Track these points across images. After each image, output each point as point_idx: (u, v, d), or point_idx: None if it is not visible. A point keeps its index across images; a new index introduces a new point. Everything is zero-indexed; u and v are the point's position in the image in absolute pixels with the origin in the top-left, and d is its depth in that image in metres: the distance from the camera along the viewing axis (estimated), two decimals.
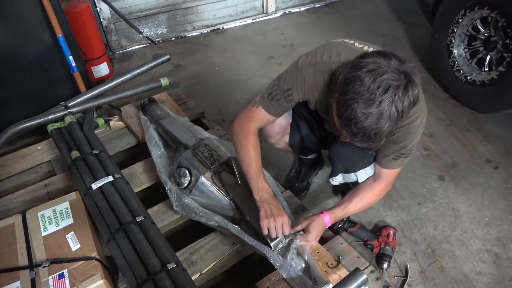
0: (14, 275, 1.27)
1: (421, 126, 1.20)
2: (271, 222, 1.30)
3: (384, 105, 0.92)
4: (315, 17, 3.82)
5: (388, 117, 0.94)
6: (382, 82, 0.92)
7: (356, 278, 1.11)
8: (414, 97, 0.96)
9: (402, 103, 0.94)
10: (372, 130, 0.96)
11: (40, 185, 1.78)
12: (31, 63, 2.05)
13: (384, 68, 0.93)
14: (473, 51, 2.42)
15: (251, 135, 1.39)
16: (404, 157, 1.27)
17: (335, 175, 1.66)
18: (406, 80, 0.94)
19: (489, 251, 1.66)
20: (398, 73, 0.93)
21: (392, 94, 0.92)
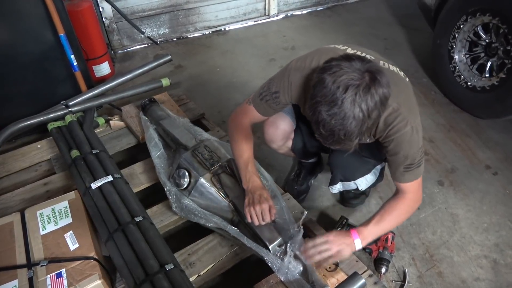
0: (12, 274, 1.27)
1: (415, 132, 1.17)
2: (251, 210, 1.35)
3: (346, 105, 0.94)
4: (317, 20, 3.83)
5: (352, 117, 0.95)
6: (341, 82, 0.94)
7: (354, 282, 1.11)
8: (381, 95, 0.97)
9: (366, 102, 0.95)
10: (340, 131, 0.98)
11: (40, 183, 1.78)
12: (33, 62, 2.06)
13: (345, 69, 0.96)
14: (474, 57, 2.42)
15: (244, 128, 1.44)
16: (415, 168, 1.23)
17: (335, 184, 1.67)
18: (368, 79, 0.95)
19: (487, 257, 1.66)
20: (359, 72, 0.95)
21: (352, 93, 0.94)
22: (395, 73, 1.23)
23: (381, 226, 1.26)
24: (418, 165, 1.22)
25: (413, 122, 1.17)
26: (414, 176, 1.25)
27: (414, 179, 1.25)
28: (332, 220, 1.81)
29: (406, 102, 1.18)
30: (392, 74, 1.22)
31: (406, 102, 1.18)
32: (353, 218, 1.80)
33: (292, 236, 1.39)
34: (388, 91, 0.99)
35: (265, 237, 1.36)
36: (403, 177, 1.25)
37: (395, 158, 1.23)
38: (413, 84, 2.78)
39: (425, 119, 2.46)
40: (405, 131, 1.16)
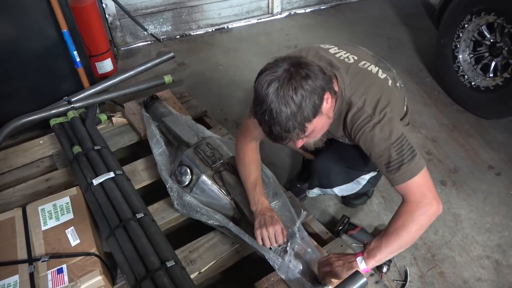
0: (13, 269, 1.27)
1: (378, 127, 1.12)
2: (264, 232, 1.31)
3: (271, 99, 0.97)
4: (320, 19, 3.82)
5: (279, 110, 0.96)
6: (264, 80, 0.98)
7: (356, 281, 1.10)
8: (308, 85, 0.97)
9: (289, 92, 0.96)
10: (275, 126, 0.99)
11: (41, 179, 1.78)
12: (36, 57, 2.06)
13: (271, 69, 1.00)
14: (478, 57, 2.41)
15: (249, 148, 1.43)
16: (397, 165, 1.11)
17: (312, 189, 1.67)
18: (290, 72, 0.98)
19: (489, 258, 1.65)
20: (282, 69, 0.98)
21: (274, 87, 0.97)
22: (370, 73, 1.22)
23: (384, 240, 1.15)
24: (399, 162, 1.11)
25: (377, 119, 1.13)
26: (403, 177, 1.12)
27: (405, 180, 1.12)
28: (334, 219, 1.80)
29: (372, 98, 1.15)
30: (367, 73, 1.21)
31: (372, 98, 1.15)
32: (355, 218, 1.80)
33: (294, 235, 1.39)
34: (318, 80, 1.00)
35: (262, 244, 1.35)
36: (393, 180, 1.15)
37: (374, 160, 1.17)
38: (417, 83, 2.81)
39: (428, 119, 2.45)
40: (367, 127, 1.14)
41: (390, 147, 1.11)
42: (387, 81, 1.23)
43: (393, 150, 1.11)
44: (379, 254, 1.15)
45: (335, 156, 1.50)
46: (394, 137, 1.12)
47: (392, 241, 1.14)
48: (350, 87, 1.17)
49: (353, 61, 1.24)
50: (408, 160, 1.11)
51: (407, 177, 1.11)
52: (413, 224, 1.12)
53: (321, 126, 1.11)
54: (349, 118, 1.18)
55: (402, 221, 1.13)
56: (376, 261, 1.16)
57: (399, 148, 1.11)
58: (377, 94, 1.16)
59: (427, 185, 1.14)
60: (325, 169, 1.52)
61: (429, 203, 1.12)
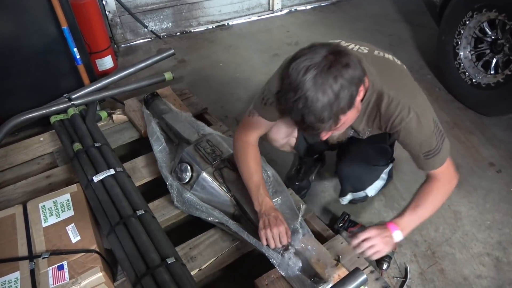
0: (14, 266, 1.27)
1: (421, 117, 1.12)
2: (268, 232, 1.30)
3: (307, 86, 0.92)
4: (321, 16, 3.81)
5: (316, 98, 0.92)
6: (302, 67, 0.93)
7: (356, 277, 1.10)
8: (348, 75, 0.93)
9: (328, 81, 0.91)
10: (308, 115, 0.95)
11: (42, 176, 1.78)
12: (36, 54, 2.05)
13: (307, 55, 0.94)
14: (479, 54, 2.40)
15: (250, 147, 1.40)
16: (436, 153, 1.16)
17: (345, 195, 1.66)
18: (330, 59, 0.93)
19: (489, 255, 1.65)
20: (321, 55, 0.93)
21: (312, 75, 0.91)
22: (389, 61, 1.20)
23: (418, 212, 1.22)
24: (438, 149, 1.15)
25: (416, 107, 1.12)
26: (440, 161, 1.18)
27: (440, 165, 1.19)
28: (334, 216, 1.80)
29: (403, 87, 1.14)
30: (386, 61, 1.20)
31: (403, 87, 1.14)
32: (355, 214, 1.80)
33: (296, 231, 1.39)
34: (357, 71, 0.96)
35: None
36: (427, 165, 1.20)
37: (410, 149, 1.20)
38: (417, 81, 2.73)
39: None
40: (409, 119, 1.12)
41: (432, 135, 1.14)
42: (403, 66, 1.23)
43: (433, 137, 1.15)
44: (413, 225, 1.23)
45: (358, 157, 1.49)
46: (432, 123, 1.14)
47: (425, 214, 1.23)
48: (379, 77, 1.14)
49: (366, 51, 1.21)
50: (442, 143, 1.17)
51: (444, 159, 1.19)
52: (442, 196, 1.25)
53: (351, 119, 1.09)
54: (383, 109, 1.14)
55: (435, 197, 1.23)
56: (408, 232, 1.23)
57: (438, 133, 1.16)
58: (404, 81, 1.16)
59: (451, 160, 1.22)
60: (355, 172, 1.50)
61: (454, 176, 1.25)
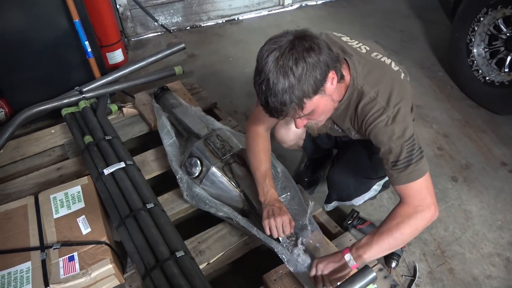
0: (25, 256, 1.29)
1: (391, 121, 1.08)
2: (271, 222, 1.30)
3: (269, 68, 0.93)
4: (332, 11, 3.78)
5: (277, 80, 0.93)
6: (265, 49, 0.95)
7: (365, 275, 1.10)
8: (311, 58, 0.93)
9: (288, 63, 0.92)
10: (271, 97, 0.95)
11: (53, 168, 1.80)
12: (47, 47, 2.06)
13: (275, 39, 0.96)
14: (493, 51, 2.36)
15: (260, 137, 1.40)
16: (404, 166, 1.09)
17: (330, 203, 1.65)
18: (293, 43, 0.93)
19: (500, 255, 1.64)
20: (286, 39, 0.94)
21: (274, 57, 0.93)
22: (384, 64, 1.17)
23: (375, 239, 1.12)
24: (407, 162, 1.08)
25: (392, 112, 1.08)
26: (406, 179, 1.09)
27: (410, 180, 1.09)
28: (343, 212, 1.80)
29: (386, 91, 1.11)
30: (380, 64, 1.17)
31: (386, 91, 1.11)
32: (364, 212, 1.79)
33: (303, 227, 1.39)
34: (323, 55, 0.95)
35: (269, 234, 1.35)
36: (393, 178, 1.12)
37: (381, 154, 1.14)
38: (429, 78, 2.76)
39: (440, 113, 2.42)
40: (380, 120, 1.09)
41: (403, 145, 1.09)
42: (400, 74, 1.19)
43: (404, 148, 1.09)
44: (368, 252, 1.12)
45: (350, 168, 1.47)
46: (408, 134, 1.09)
47: (384, 241, 1.11)
48: (362, 76, 1.13)
49: (365, 51, 1.20)
50: (416, 160, 1.09)
51: (412, 178, 1.09)
52: (408, 226, 1.10)
53: (323, 108, 1.06)
54: (360, 108, 1.14)
55: (398, 222, 1.10)
56: (364, 259, 1.13)
57: (410, 147, 1.09)
58: (391, 86, 1.12)
59: (429, 189, 1.12)
60: (343, 183, 1.48)
61: (427, 207, 1.10)
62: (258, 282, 1.33)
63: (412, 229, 1.10)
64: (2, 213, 1.45)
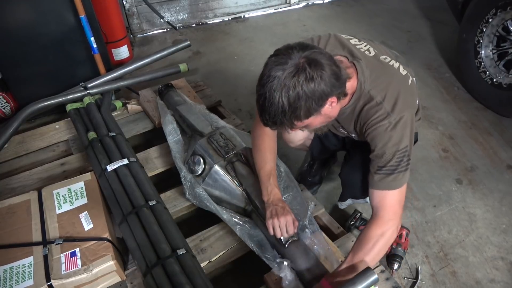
0: (28, 250, 1.30)
1: (392, 127, 1.10)
2: (275, 222, 1.30)
3: (269, 86, 0.97)
4: (339, 10, 3.75)
5: (272, 100, 0.96)
6: (271, 63, 0.98)
7: (367, 277, 1.09)
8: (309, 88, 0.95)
9: (288, 87, 0.95)
10: (265, 113, 1.00)
11: (57, 163, 1.81)
12: (53, 43, 2.07)
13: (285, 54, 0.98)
14: (501, 53, 2.33)
15: (267, 136, 1.40)
16: (387, 173, 1.12)
17: (344, 200, 1.64)
18: (301, 66, 0.95)
19: (504, 259, 1.62)
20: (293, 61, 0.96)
21: (278, 75, 0.96)
22: (392, 68, 1.18)
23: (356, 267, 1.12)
24: (392, 170, 1.11)
25: (395, 119, 1.10)
26: (386, 185, 1.12)
27: (387, 188, 1.12)
28: (346, 213, 1.79)
29: (393, 97, 1.12)
30: (388, 68, 1.18)
31: (393, 97, 1.12)
32: (367, 213, 1.78)
33: (303, 228, 1.38)
34: (321, 86, 0.96)
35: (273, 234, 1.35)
36: (373, 181, 1.14)
37: (372, 157, 1.16)
38: (435, 79, 2.74)
39: (446, 115, 2.40)
40: (381, 125, 1.11)
41: (395, 153, 1.11)
42: (408, 78, 1.19)
43: (395, 157, 1.11)
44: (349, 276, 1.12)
45: (361, 165, 1.44)
46: (402, 145, 1.11)
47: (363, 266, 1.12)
48: (370, 81, 1.14)
49: (373, 54, 1.21)
50: (399, 171, 1.11)
51: (391, 186, 1.12)
52: (384, 245, 1.14)
53: (318, 123, 1.10)
54: (364, 111, 1.15)
55: (373, 244, 1.12)
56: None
57: (400, 157, 1.12)
58: (397, 92, 1.13)
59: (401, 202, 1.15)
60: (357, 179, 1.46)
61: (397, 221, 1.14)
62: (259, 282, 1.33)
63: (386, 246, 1.15)
64: (6, 207, 1.45)
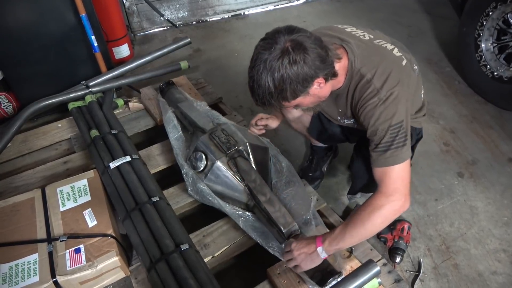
0: (33, 247, 1.31)
1: (382, 103, 1.11)
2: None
3: (257, 68, 1.02)
4: (339, 6, 3.75)
5: (258, 83, 1.03)
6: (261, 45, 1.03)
7: (369, 269, 1.10)
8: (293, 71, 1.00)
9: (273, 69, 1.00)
10: (254, 94, 1.07)
11: (60, 162, 1.82)
12: (54, 42, 2.08)
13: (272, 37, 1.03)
14: (502, 46, 2.33)
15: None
16: (383, 150, 1.12)
17: (354, 194, 1.63)
18: (287, 50, 1.00)
19: (506, 251, 1.62)
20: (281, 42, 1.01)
21: (264, 58, 1.01)
22: (386, 49, 1.20)
23: (348, 229, 1.13)
24: (387, 146, 1.11)
25: (385, 96, 1.11)
26: (385, 161, 1.12)
27: (386, 165, 1.12)
28: (348, 207, 1.80)
29: (383, 75, 1.13)
30: (381, 49, 1.20)
31: (383, 75, 1.13)
32: None
33: (307, 222, 1.39)
34: (305, 68, 1.01)
35: (280, 222, 1.36)
36: (372, 159, 1.15)
37: (368, 136, 1.17)
38: (436, 73, 2.74)
39: (447, 109, 2.40)
40: (371, 102, 1.12)
41: (388, 129, 1.11)
42: (402, 60, 1.20)
43: (388, 132, 1.11)
44: (341, 242, 1.14)
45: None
46: (395, 120, 1.11)
47: (356, 232, 1.12)
48: (360, 59, 1.16)
49: (368, 38, 1.23)
50: (396, 147, 1.11)
51: (389, 162, 1.11)
52: (379, 217, 1.11)
53: (308, 102, 1.15)
54: (357, 90, 1.17)
55: (369, 212, 1.11)
56: (336, 249, 1.16)
57: (394, 133, 1.11)
58: (388, 69, 1.14)
59: (404, 179, 1.12)
60: (365, 175, 1.46)
61: (398, 198, 1.11)
62: (263, 276, 1.34)
63: (383, 219, 1.11)
64: (10, 205, 1.47)
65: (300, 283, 1.27)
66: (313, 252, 1.17)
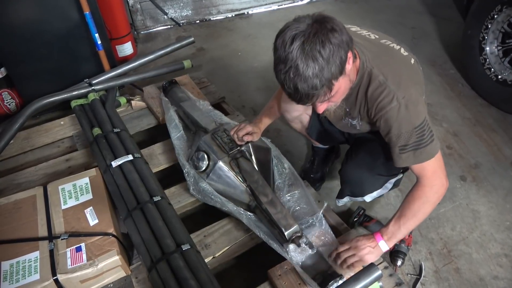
0: (34, 245, 1.31)
1: (403, 108, 1.10)
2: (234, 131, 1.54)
3: (295, 54, 0.92)
4: (343, 6, 3.74)
5: (306, 64, 0.92)
6: (287, 36, 0.93)
7: (370, 273, 1.10)
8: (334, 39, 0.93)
9: (315, 46, 0.91)
10: (301, 84, 0.95)
11: (62, 159, 1.82)
12: (58, 39, 2.08)
13: (291, 26, 0.94)
14: (506, 49, 2.32)
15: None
16: (412, 149, 1.13)
17: (342, 198, 1.64)
18: (315, 26, 0.93)
19: (507, 256, 1.62)
20: (305, 24, 0.93)
21: (299, 43, 0.92)
22: (393, 49, 1.19)
23: (402, 222, 1.20)
24: (416, 146, 1.13)
25: (402, 98, 1.10)
26: (419, 158, 1.14)
27: (420, 161, 1.15)
28: (350, 210, 1.79)
29: (396, 76, 1.12)
30: (389, 49, 1.19)
31: (396, 76, 1.12)
32: (370, 210, 1.78)
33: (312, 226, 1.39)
34: (343, 35, 0.95)
35: (281, 223, 1.35)
36: (400, 160, 1.17)
37: (389, 139, 1.18)
38: (440, 75, 2.73)
39: (450, 112, 2.39)
40: (391, 107, 1.11)
41: (413, 131, 1.11)
42: (410, 58, 1.20)
43: (414, 134, 1.12)
44: (399, 235, 1.22)
45: (365, 164, 1.46)
46: (419, 121, 1.11)
47: (410, 223, 1.20)
48: (371, 59, 1.14)
49: (374, 38, 1.22)
50: (425, 144, 1.13)
51: (422, 159, 1.15)
52: (429, 206, 1.19)
53: (343, 88, 1.09)
54: (369, 93, 1.15)
55: (419, 205, 1.18)
56: (394, 242, 1.25)
57: (420, 133, 1.12)
58: (400, 70, 1.13)
59: (440, 167, 1.19)
60: (357, 178, 1.48)
61: (440, 184, 1.19)
62: (263, 277, 1.34)
63: (432, 206, 1.20)
64: (12, 202, 1.47)
65: (301, 285, 1.27)
66: (376, 246, 1.23)
